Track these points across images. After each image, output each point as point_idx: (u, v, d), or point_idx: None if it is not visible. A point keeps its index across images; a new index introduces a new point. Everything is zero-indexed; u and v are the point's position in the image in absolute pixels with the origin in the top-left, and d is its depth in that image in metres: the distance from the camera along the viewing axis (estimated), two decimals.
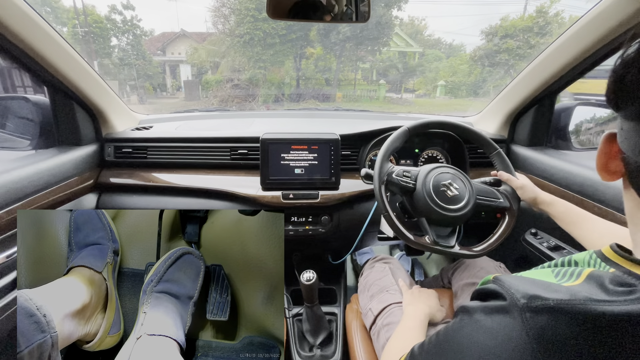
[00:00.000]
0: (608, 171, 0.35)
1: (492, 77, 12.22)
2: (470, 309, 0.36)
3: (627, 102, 0.29)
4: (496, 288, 0.34)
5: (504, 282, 0.34)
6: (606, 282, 0.30)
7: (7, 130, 1.02)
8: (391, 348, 0.62)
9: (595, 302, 0.28)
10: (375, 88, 13.14)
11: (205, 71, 12.90)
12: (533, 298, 0.30)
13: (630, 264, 0.31)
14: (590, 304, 0.28)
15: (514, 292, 0.32)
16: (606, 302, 0.28)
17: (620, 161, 0.33)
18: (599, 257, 0.35)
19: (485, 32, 12.34)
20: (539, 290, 0.31)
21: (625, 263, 0.32)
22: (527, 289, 0.31)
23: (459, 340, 0.35)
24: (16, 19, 0.68)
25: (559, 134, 1.11)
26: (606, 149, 0.34)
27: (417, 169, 0.80)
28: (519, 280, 0.34)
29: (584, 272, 0.33)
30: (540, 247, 0.94)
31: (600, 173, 0.36)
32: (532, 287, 0.32)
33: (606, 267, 0.34)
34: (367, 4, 0.71)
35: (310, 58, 13.04)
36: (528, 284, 0.33)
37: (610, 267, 0.33)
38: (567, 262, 0.40)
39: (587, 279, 0.32)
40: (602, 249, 0.36)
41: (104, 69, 11.79)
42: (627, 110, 0.30)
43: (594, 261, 0.36)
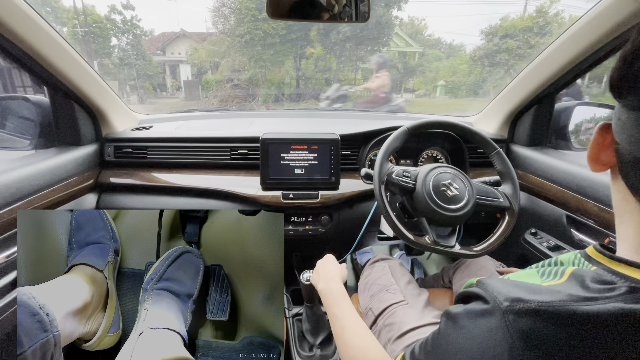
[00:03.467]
0: (598, 161, 0.35)
1: (492, 77, 12.23)
2: (454, 314, 0.36)
3: (630, 91, 0.29)
4: (479, 291, 0.34)
5: (487, 285, 0.34)
6: (587, 280, 0.31)
7: (7, 130, 1.02)
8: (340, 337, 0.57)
9: (575, 301, 0.29)
10: None
11: (205, 71, 12.90)
12: (515, 301, 0.30)
13: (612, 261, 0.32)
14: (570, 304, 0.28)
15: (496, 295, 0.32)
16: (586, 300, 0.28)
17: (612, 152, 0.33)
18: (583, 256, 0.36)
19: (485, 32, 12.36)
20: (521, 293, 0.31)
21: (607, 261, 0.32)
22: (509, 291, 0.32)
23: (445, 348, 0.36)
24: (16, 19, 0.68)
25: (558, 134, 1.11)
26: (600, 139, 0.34)
27: (417, 169, 0.80)
28: (502, 283, 0.34)
29: (567, 271, 0.34)
30: (540, 247, 0.94)
31: (590, 163, 0.36)
32: (515, 290, 0.32)
33: (589, 265, 0.34)
34: (367, 4, 0.71)
35: (310, 58, 13.05)
36: (510, 286, 0.33)
37: (593, 266, 0.33)
38: (553, 262, 0.40)
39: (569, 278, 0.32)
40: (586, 249, 0.36)
41: (104, 69, 11.80)
42: (629, 100, 0.30)
43: (578, 260, 0.36)
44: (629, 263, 0.30)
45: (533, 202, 1.02)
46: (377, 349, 0.53)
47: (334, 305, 0.63)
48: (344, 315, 0.60)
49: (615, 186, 0.35)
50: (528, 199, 1.04)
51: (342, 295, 0.65)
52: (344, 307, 0.62)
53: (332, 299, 0.65)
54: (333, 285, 0.67)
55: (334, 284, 0.68)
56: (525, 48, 11.47)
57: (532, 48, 11.30)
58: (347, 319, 0.59)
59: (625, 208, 0.34)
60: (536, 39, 11.34)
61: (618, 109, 0.32)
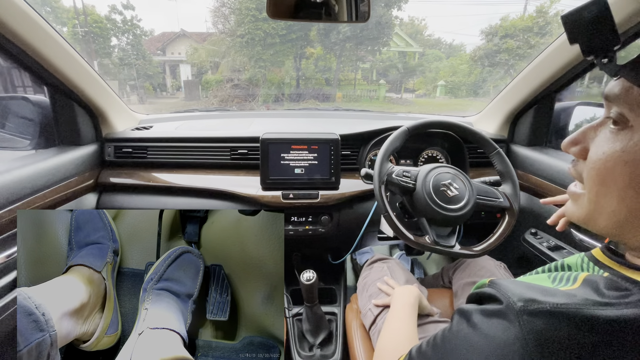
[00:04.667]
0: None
1: (492, 77, 12.23)
2: (467, 312, 0.36)
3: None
4: (492, 292, 0.34)
5: (500, 286, 0.34)
6: (601, 287, 0.30)
7: (7, 130, 1.02)
8: (385, 340, 0.61)
9: (591, 306, 0.28)
10: (375, 88, 13.15)
11: (205, 71, 12.90)
12: (530, 301, 0.30)
13: (624, 268, 0.32)
14: (586, 308, 0.28)
15: (510, 296, 0.32)
16: (602, 305, 0.28)
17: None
18: (591, 260, 0.36)
19: (485, 32, 12.34)
20: (535, 294, 0.31)
21: (618, 267, 0.32)
22: (523, 292, 0.32)
23: (456, 344, 0.35)
24: (16, 18, 0.68)
25: (558, 134, 1.11)
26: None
27: (417, 169, 0.80)
28: (515, 284, 0.34)
29: (580, 276, 0.33)
30: (540, 247, 0.94)
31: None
32: (529, 291, 0.32)
33: (600, 270, 0.34)
34: (367, 4, 0.71)
35: (310, 58, 13.04)
36: (524, 287, 0.33)
37: (605, 271, 0.33)
38: (560, 266, 0.40)
39: (583, 284, 0.32)
40: (592, 251, 0.36)
41: (104, 69, 11.79)
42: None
43: (587, 264, 0.36)
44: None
45: (533, 202, 1.02)
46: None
47: (399, 319, 0.66)
48: (398, 332, 0.62)
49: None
50: (528, 199, 1.04)
51: (414, 312, 0.68)
52: (407, 325, 0.64)
53: (403, 314, 0.67)
54: (411, 300, 0.71)
55: (412, 298, 0.71)
56: (525, 48, 11.46)
57: (532, 48, 11.29)
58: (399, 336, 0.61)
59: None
60: (536, 39, 11.34)
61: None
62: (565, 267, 0.39)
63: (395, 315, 0.68)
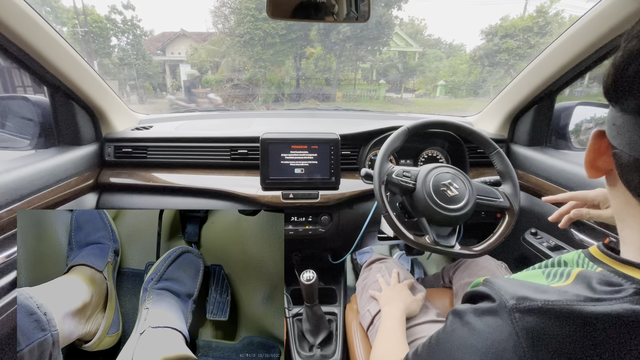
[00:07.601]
0: (595, 168, 0.35)
1: (492, 77, 12.22)
2: (461, 311, 0.36)
3: (626, 95, 0.29)
4: (486, 290, 0.35)
5: (493, 284, 0.35)
6: (593, 282, 0.31)
7: (7, 130, 1.02)
8: (377, 352, 0.63)
9: (583, 302, 0.29)
10: (375, 88, 13.14)
11: (205, 71, 12.89)
12: (521, 299, 0.31)
13: (617, 263, 0.32)
14: (578, 304, 0.29)
15: (503, 294, 0.32)
16: (593, 301, 0.28)
17: (609, 157, 0.33)
18: (587, 256, 0.36)
19: (485, 32, 12.34)
20: (527, 292, 0.31)
21: (612, 262, 0.32)
22: (515, 290, 0.32)
23: (450, 343, 0.36)
24: (16, 18, 0.68)
25: (558, 134, 1.11)
26: (595, 145, 0.35)
27: (417, 169, 0.80)
28: (509, 283, 0.35)
29: (573, 272, 0.34)
30: (540, 247, 0.94)
31: (587, 170, 0.36)
32: (521, 289, 0.32)
33: (594, 266, 0.34)
34: (367, 4, 0.71)
35: (310, 58, 13.03)
36: (517, 285, 0.33)
37: (598, 267, 0.33)
38: (556, 262, 0.40)
39: (576, 279, 0.32)
40: (589, 249, 0.36)
41: (104, 69, 11.78)
42: (626, 104, 0.30)
43: (582, 261, 0.36)
44: (636, 265, 0.30)
45: (533, 202, 1.02)
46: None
47: (389, 330, 0.68)
48: (391, 343, 0.64)
49: (614, 192, 0.35)
50: (528, 199, 1.04)
51: (402, 324, 0.70)
52: (396, 335, 0.66)
53: (391, 324, 0.69)
54: (398, 314, 0.72)
55: (399, 312, 0.72)
56: (525, 48, 11.46)
57: (532, 48, 11.29)
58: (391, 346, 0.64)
59: (628, 212, 0.34)
60: (536, 39, 11.33)
61: (612, 115, 0.32)
62: (562, 263, 0.39)
63: (386, 327, 0.70)
